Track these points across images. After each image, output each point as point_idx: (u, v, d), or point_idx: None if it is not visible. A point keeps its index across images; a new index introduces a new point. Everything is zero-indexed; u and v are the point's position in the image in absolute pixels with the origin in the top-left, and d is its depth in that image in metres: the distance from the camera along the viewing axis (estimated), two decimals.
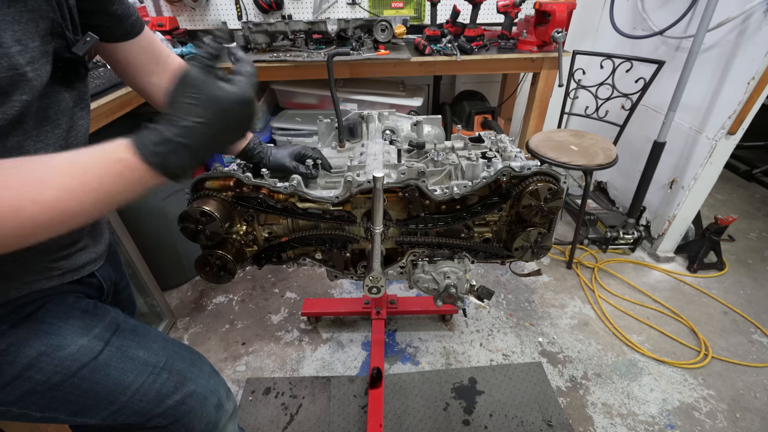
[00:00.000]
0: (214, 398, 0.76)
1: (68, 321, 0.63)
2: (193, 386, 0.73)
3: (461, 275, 0.97)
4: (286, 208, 0.88)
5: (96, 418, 0.67)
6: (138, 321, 0.75)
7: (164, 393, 0.69)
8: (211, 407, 0.76)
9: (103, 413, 0.66)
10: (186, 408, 0.72)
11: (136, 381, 0.67)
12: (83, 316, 0.66)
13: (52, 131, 0.57)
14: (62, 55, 0.55)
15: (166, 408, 0.70)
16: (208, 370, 0.78)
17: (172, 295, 2.00)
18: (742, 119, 1.74)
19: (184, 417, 0.72)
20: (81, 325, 0.64)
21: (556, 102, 2.23)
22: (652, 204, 2.22)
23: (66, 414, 0.65)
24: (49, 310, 0.62)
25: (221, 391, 0.79)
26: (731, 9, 1.65)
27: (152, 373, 0.68)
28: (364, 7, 2.43)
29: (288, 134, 2.33)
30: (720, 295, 1.97)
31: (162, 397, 0.69)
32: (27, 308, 0.61)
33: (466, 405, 1.49)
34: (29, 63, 0.48)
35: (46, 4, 0.52)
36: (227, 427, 0.81)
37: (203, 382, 0.75)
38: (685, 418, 1.45)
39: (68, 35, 0.56)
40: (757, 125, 1.86)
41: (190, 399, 0.72)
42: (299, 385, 1.57)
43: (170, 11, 2.38)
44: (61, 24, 0.55)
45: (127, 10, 0.69)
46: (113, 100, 1.48)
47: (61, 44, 0.55)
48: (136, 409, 0.67)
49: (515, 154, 1.02)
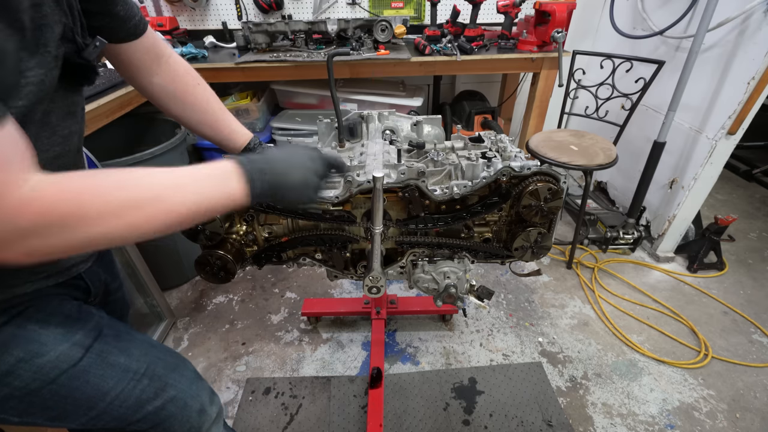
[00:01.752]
0: (196, 403, 0.76)
1: (49, 327, 0.62)
2: (173, 392, 0.72)
3: (461, 275, 0.97)
4: (285, 208, 0.88)
5: (75, 424, 0.66)
6: (123, 325, 0.74)
7: (144, 399, 0.69)
8: (192, 412, 0.75)
9: (81, 419, 0.66)
10: (166, 413, 0.71)
11: (116, 387, 0.66)
12: (65, 321, 0.65)
13: (50, 138, 0.57)
14: (73, 60, 0.55)
15: (146, 414, 0.69)
16: (191, 376, 0.78)
17: (172, 295, 2.00)
18: (742, 119, 1.74)
19: (165, 422, 0.72)
20: (62, 332, 0.63)
21: (556, 102, 2.23)
22: (652, 204, 2.22)
23: (44, 419, 0.65)
24: (30, 315, 0.62)
25: (203, 396, 0.79)
26: (731, 9, 1.65)
27: (132, 379, 0.68)
28: (364, 7, 2.43)
29: (288, 134, 2.33)
30: (720, 295, 1.97)
31: (142, 403, 0.69)
32: (9, 312, 0.60)
33: (466, 405, 1.49)
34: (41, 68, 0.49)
35: (59, 9, 0.52)
36: (211, 431, 0.81)
37: (185, 388, 0.75)
38: (685, 418, 1.45)
39: (78, 40, 0.56)
40: (757, 125, 1.86)
41: (171, 405, 0.72)
42: (299, 385, 1.57)
43: (170, 11, 2.38)
44: (72, 28, 0.55)
45: (131, 11, 0.69)
46: (113, 100, 1.48)
47: (71, 48, 0.55)
48: (115, 415, 0.67)
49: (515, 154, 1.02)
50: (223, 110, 0.89)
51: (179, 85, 0.83)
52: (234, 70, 1.94)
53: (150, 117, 1.96)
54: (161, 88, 0.82)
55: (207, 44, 2.24)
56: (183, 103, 0.84)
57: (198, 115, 0.86)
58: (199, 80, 0.86)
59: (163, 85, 0.81)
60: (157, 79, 0.80)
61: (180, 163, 1.79)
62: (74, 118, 0.62)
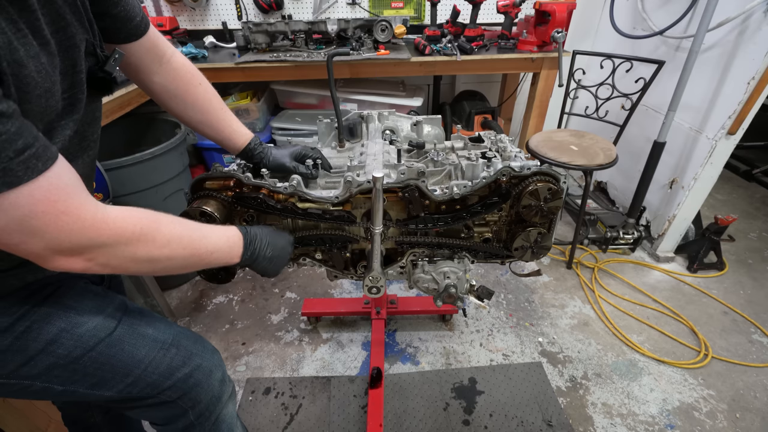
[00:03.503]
0: (218, 372, 0.80)
1: (83, 302, 0.69)
2: (199, 360, 0.77)
3: (461, 275, 0.97)
4: (286, 208, 0.88)
5: (113, 391, 0.70)
6: (140, 306, 0.81)
7: (174, 366, 0.73)
8: (215, 381, 0.79)
9: (119, 385, 0.70)
10: (194, 381, 0.75)
11: (149, 355, 0.71)
12: (95, 297, 0.71)
13: (80, 143, 0.62)
14: (95, 74, 0.59)
15: (176, 380, 0.74)
16: (211, 348, 0.82)
17: (172, 295, 2.00)
18: (742, 119, 1.74)
19: (192, 390, 0.76)
20: (95, 305, 0.70)
21: (556, 102, 2.23)
22: (652, 204, 2.22)
23: (85, 387, 0.68)
24: (64, 292, 0.68)
25: (223, 367, 0.83)
26: (731, 9, 1.64)
27: (162, 348, 0.73)
28: (364, 7, 2.43)
29: (288, 134, 2.33)
30: (720, 295, 1.97)
31: (172, 370, 0.73)
32: (45, 290, 0.66)
33: (466, 405, 1.49)
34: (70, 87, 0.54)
35: (81, 27, 0.55)
36: (228, 405, 0.85)
37: (208, 357, 0.79)
38: (685, 418, 1.45)
39: (99, 53, 0.59)
40: (757, 125, 1.86)
41: (197, 372, 0.76)
42: (299, 385, 1.57)
43: (170, 11, 2.38)
44: (93, 43, 0.57)
45: (132, 12, 0.69)
46: (113, 100, 1.49)
47: (93, 62, 0.59)
48: (149, 381, 0.71)
49: (515, 154, 1.02)
50: (224, 110, 0.89)
51: (180, 85, 0.83)
52: (234, 70, 1.94)
53: (150, 117, 1.96)
54: (162, 87, 0.82)
55: (207, 44, 2.24)
56: (184, 102, 0.84)
57: (199, 114, 0.86)
58: (201, 80, 0.87)
59: (164, 84, 0.81)
60: (157, 78, 0.81)
61: (180, 163, 1.79)
62: (98, 123, 0.67)
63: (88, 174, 0.68)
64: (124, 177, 1.55)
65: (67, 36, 0.52)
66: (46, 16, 0.48)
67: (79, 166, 0.62)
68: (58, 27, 0.51)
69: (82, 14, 0.55)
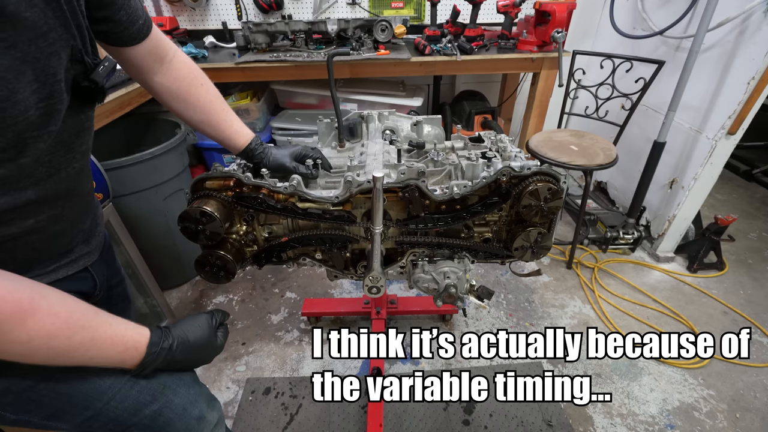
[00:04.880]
0: (194, 409, 0.74)
1: None
2: (171, 395, 0.70)
3: (461, 275, 0.97)
4: (286, 208, 0.88)
5: (70, 424, 0.65)
6: None
7: (141, 402, 0.67)
8: (191, 419, 0.73)
9: (77, 418, 0.65)
10: (163, 420, 0.69)
11: (113, 386, 0.65)
12: None
13: (66, 155, 0.58)
14: (81, 84, 0.55)
15: (143, 417, 0.68)
16: (189, 380, 0.75)
17: (172, 295, 2.00)
18: (742, 119, 1.74)
19: (162, 429, 0.70)
20: None
21: (556, 102, 2.23)
22: (652, 204, 2.22)
23: (40, 417, 0.63)
24: None
25: (202, 402, 0.76)
26: (731, 9, 1.65)
27: (130, 380, 0.66)
28: (364, 7, 2.43)
29: (288, 134, 2.33)
30: (720, 295, 1.97)
31: (139, 406, 0.67)
32: None
33: (466, 405, 1.49)
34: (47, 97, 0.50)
35: (67, 33, 0.51)
36: None
37: (183, 392, 0.72)
38: (685, 418, 1.45)
39: (87, 60, 0.56)
40: (757, 125, 1.86)
41: (168, 410, 0.70)
42: (299, 385, 1.57)
43: (170, 11, 2.38)
44: (81, 50, 0.54)
45: (134, 15, 0.68)
46: (113, 100, 1.49)
47: (80, 69, 0.55)
48: (111, 416, 0.65)
49: (515, 154, 1.02)
50: (225, 110, 0.89)
51: (182, 85, 0.83)
52: (234, 70, 1.94)
53: (150, 117, 1.96)
54: (163, 87, 0.82)
55: (207, 44, 2.24)
56: (185, 102, 0.84)
57: (200, 114, 0.86)
58: (204, 80, 0.86)
59: (165, 84, 0.81)
60: (159, 78, 0.80)
61: (180, 163, 1.79)
62: (87, 134, 0.63)
63: (73, 187, 0.63)
64: (124, 177, 1.55)
65: (47, 42, 0.48)
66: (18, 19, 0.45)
67: (63, 179, 0.58)
68: (36, 33, 0.47)
69: (68, 20, 0.51)
